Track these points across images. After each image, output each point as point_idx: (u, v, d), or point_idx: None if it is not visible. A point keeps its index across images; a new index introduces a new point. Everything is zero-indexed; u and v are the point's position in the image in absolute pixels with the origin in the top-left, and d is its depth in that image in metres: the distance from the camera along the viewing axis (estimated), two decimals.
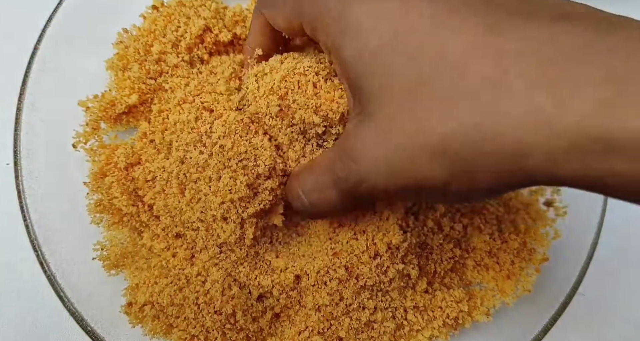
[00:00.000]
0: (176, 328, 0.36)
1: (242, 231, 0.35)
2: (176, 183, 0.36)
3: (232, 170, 0.34)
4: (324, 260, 0.36)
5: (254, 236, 0.35)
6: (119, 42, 0.42)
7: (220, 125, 0.36)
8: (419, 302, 0.38)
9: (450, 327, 0.39)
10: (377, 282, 0.36)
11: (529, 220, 0.41)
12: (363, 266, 0.35)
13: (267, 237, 0.37)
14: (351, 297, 0.36)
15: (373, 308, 0.37)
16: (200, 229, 0.36)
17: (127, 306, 0.37)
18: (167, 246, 0.38)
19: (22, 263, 0.44)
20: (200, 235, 0.36)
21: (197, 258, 0.37)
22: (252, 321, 0.36)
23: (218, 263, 0.37)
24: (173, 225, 0.37)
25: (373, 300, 0.37)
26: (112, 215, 0.39)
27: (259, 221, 0.35)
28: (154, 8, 0.43)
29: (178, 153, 0.36)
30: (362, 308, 0.37)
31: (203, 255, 0.37)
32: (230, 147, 0.35)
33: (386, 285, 0.37)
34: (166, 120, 0.39)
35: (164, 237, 0.38)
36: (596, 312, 0.46)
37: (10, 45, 0.50)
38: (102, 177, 0.39)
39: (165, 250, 0.38)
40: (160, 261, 0.38)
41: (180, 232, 0.38)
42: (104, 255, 0.38)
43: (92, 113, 0.40)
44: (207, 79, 0.39)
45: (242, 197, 0.34)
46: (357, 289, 0.36)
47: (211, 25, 0.42)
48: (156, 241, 0.38)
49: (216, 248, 0.36)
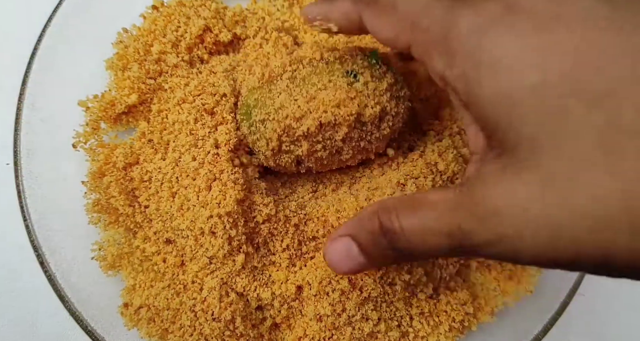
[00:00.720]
0: (171, 334, 0.35)
1: (231, 248, 0.34)
2: (167, 187, 0.36)
3: (222, 184, 0.34)
4: (326, 270, 0.35)
5: (246, 253, 0.34)
6: (118, 42, 0.42)
7: (222, 133, 0.35)
8: (424, 308, 0.37)
9: (456, 331, 0.38)
10: (382, 293, 0.35)
11: None
12: (367, 278, 0.34)
13: (265, 249, 0.36)
14: (354, 308, 0.35)
15: (377, 319, 0.36)
16: (189, 238, 0.35)
17: (123, 307, 0.36)
18: (158, 250, 0.38)
19: (22, 263, 0.44)
20: (189, 244, 0.35)
21: (188, 266, 0.37)
22: (252, 327, 0.36)
23: (211, 273, 0.36)
24: (164, 230, 0.37)
25: (377, 311, 0.36)
26: (108, 215, 0.39)
27: (249, 239, 0.35)
28: (154, 8, 0.43)
29: (174, 154, 0.36)
30: (366, 319, 0.36)
31: (193, 264, 0.36)
32: (226, 158, 0.34)
33: (391, 296, 0.36)
34: (165, 119, 0.39)
35: (155, 241, 0.38)
36: (596, 312, 0.46)
37: (10, 45, 0.50)
38: (101, 176, 0.39)
39: (156, 254, 0.38)
40: (152, 265, 0.38)
41: (171, 238, 0.37)
42: (101, 255, 0.38)
43: (92, 113, 0.40)
44: (207, 78, 0.39)
45: (229, 212, 0.33)
46: (361, 300, 0.35)
47: (211, 25, 0.42)
48: (148, 244, 0.38)
49: (206, 259, 0.36)
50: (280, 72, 0.34)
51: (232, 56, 0.42)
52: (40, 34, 0.42)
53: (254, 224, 0.35)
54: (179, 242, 0.37)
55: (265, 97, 0.34)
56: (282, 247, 0.36)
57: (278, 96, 0.33)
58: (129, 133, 0.42)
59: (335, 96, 0.31)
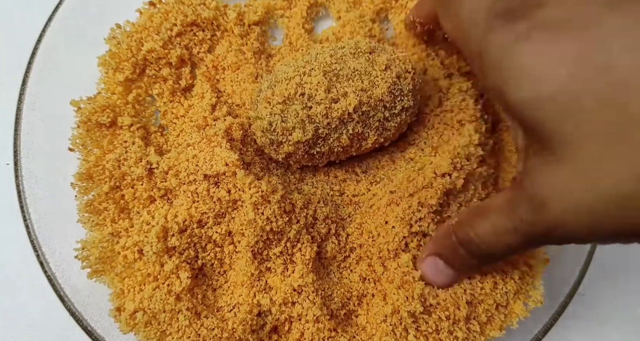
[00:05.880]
0: (170, 336, 0.35)
1: (177, 274, 0.35)
2: (115, 206, 0.38)
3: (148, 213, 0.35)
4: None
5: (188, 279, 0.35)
6: (111, 38, 0.41)
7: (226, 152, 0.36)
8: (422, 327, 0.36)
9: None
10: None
11: None
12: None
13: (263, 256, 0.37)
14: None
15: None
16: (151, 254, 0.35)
17: (116, 311, 0.36)
18: (134, 259, 0.37)
19: (22, 263, 0.44)
20: (152, 261, 0.36)
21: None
22: (251, 332, 0.36)
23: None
24: (137, 240, 0.37)
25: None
26: (97, 216, 0.39)
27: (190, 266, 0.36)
28: (151, 4, 0.43)
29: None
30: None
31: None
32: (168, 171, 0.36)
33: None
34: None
35: (132, 250, 0.37)
36: (596, 312, 0.46)
37: (10, 45, 0.50)
38: (88, 178, 0.39)
39: (133, 261, 0.37)
40: (135, 272, 0.37)
41: (140, 250, 0.37)
42: (83, 254, 0.37)
43: (82, 113, 0.39)
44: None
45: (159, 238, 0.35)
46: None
47: (208, 23, 0.42)
48: (128, 251, 0.37)
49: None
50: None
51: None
52: (40, 34, 0.42)
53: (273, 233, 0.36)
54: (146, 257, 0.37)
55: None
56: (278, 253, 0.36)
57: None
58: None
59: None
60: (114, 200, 0.38)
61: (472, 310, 0.36)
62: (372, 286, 0.37)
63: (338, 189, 0.40)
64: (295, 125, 0.34)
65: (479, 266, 0.34)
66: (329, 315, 0.36)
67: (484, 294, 0.37)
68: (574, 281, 0.39)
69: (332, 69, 0.35)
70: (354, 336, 0.37)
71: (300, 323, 0.36)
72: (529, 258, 0.38)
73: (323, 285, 0.37)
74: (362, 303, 0.38)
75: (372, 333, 0.36)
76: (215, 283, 0.37)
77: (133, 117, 0.41)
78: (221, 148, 0.36)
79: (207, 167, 0.36)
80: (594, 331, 0.46)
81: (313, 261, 0.36)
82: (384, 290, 0.37)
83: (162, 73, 0.42)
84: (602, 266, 0.46)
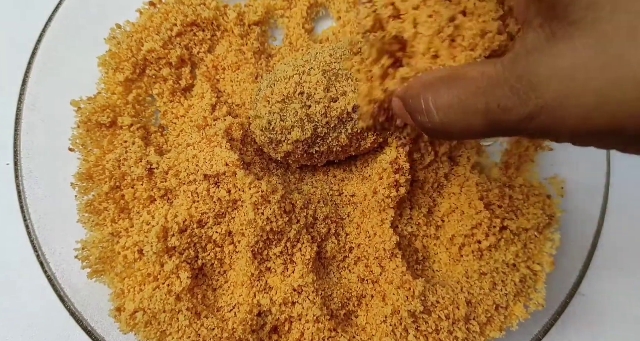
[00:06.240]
0: (170, 336, 0.35)
1: (177, 274, 0.35)
2: (115, 206, 0.37)
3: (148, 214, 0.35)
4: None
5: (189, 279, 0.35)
6: (111, 38, 0.42)
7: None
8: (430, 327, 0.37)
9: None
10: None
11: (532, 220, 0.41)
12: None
13: (262, 257, 0.37)
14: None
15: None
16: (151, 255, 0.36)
17: (116, 311, 0.36)
18: (134, 259, 0.37)
19: (22, 263, 0.44)
20: (152, 261, 0.36)
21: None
22: (251, 332, 0.36)
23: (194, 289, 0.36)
24: (137, 240, 0.37)
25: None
26: (97, 216, 0.39)
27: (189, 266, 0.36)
28: (151, 4, 0.43)
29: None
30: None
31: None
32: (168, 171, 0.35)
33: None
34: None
35: (132, 250, 0.37)
36: (596, 312, 0.46)
37: (10, 45, 0.50)
38: (88, 178, 0.39)
39: (133, 261, 0.37)
40: (135, 272, 0.37)
41: (140, 250, 0.37)
42: (83, 254, 0.37)
43: (82, 113, 0.39)
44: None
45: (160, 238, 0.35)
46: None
47: (208, 23, 0.42)
48: (128, 251, 0.37)
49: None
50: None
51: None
52: (40, 34, 0.42)
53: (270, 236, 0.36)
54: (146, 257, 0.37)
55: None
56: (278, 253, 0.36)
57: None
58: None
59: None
60: (114, 200, 0.38)
61: (471, 310, 0.36)
62: (371, 287, 0.38)
63: (337, 189, 0.41)
64: (294, 124, 0.34)
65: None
66: (329, 315, 0.36)
67: (482, 294, 0.37)
68: (574, 282, 0.39)
69: (331, 68, 0.35)
70: (354, 336, 0.37)
71: (300, 323, 0.36)
72: (532, 263, 0.38)
73: (323, 285, 0.37)
74: (361, 303, 0.38)
75: (372, 334, 0.36)
76: (215, 283, 0.37)
77: (133, 117, 0.41)
78: (221, 148, 0.36)
79: (207, 167, 0.36)
80: (594, 331, 0.46)
81: (313, 261, 0.36)
82: (383, 291, 0.37)
83: (162, 73, 0.42)
84: (602, 266, 0.46)
